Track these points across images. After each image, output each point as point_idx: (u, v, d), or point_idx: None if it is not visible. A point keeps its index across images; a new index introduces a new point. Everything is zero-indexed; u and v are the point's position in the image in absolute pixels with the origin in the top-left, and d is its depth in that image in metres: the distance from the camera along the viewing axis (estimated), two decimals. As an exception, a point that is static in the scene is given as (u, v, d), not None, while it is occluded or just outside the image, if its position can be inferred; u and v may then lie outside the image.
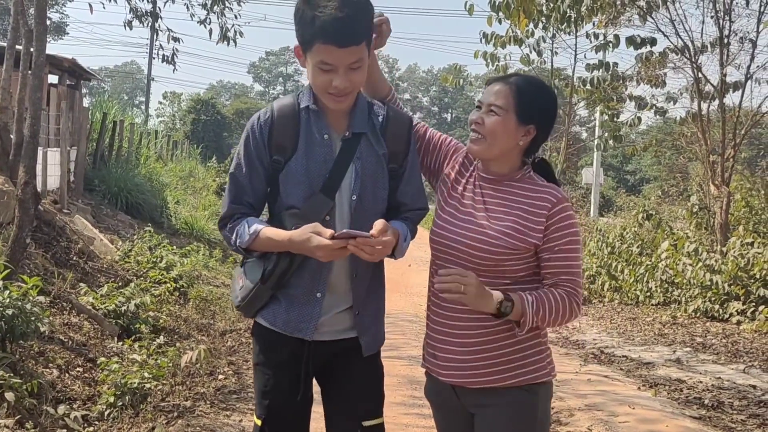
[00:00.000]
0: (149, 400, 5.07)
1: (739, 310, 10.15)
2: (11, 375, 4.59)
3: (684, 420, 5.73)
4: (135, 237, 11.55)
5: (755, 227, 12.09)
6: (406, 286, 13.17)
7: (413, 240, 2.67)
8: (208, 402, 5.46)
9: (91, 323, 6.71)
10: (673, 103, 13.16)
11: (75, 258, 8.64)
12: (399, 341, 8.21)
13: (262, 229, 2.54)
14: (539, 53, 13.15)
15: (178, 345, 6.65)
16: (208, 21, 11.27)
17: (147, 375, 5.22)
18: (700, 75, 12.36)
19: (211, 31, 11.18)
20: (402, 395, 6.00)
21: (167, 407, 5.12)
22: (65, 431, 4.48)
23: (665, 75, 13.58)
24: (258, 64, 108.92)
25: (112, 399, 4.92)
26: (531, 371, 2.54)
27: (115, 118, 18.59)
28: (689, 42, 12.35)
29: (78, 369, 5.64)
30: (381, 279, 2.78)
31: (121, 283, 8.29)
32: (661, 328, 10.25)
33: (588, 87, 12.19)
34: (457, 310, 2.53)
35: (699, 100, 12.33)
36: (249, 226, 2.56)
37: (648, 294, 12.40)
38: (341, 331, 2.64)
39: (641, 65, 12.80)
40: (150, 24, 11.90)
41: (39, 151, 9.44)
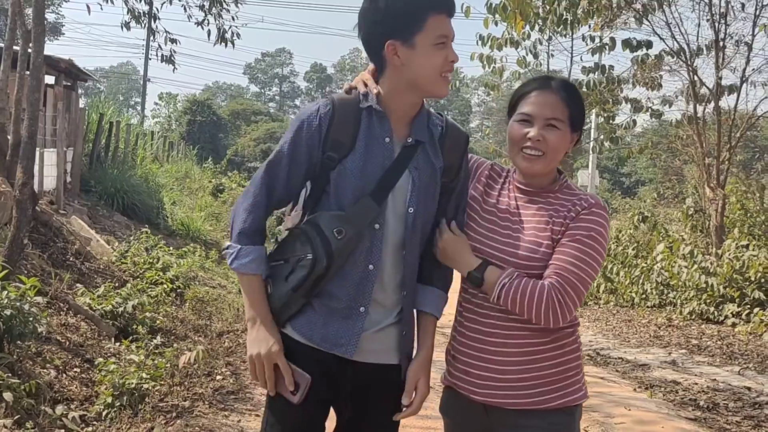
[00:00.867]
0: (147, 400, 5.08)
1: (734, 312, 10.21)
2: (9, 375, 4.61)
3: (680, 421, 5.76)
4: (131, 238, 11.54)
5: (750, 230, 12.14)
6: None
7: None
8: (206, 402, 5.47)
9: (88, 324, 6.72)
10: (669, 106, 13.21)
11: (72, 259, 8.64)
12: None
13: (255, 274, 2.32)
14: (535, 55, 13.20)
15: (175, 346, 6.66)
16: (206, 23, 11.29)
17: (145, 376, 5.22)
18: (695, 78, 12.41)
19: (209, 33, 11.21)
20: (399, 396, 6.02)
21: (166, 407, 5.13)
22: (63, 431, 4.49)
23: (661, 78, 13.64)
24: (254, 65, 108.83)
25: (110, 399, 4.92)
26: (572, 392, 2.45)
27: (112, 118, 18.58)
28: (685, 45, 12.41)
29: (75, 369, 5.65)
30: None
31: (118, 284, 8.29)
32: (657, 330, 10.29)
33: (584, 89, 12.24)
34: (500, 326, 2.39)
35: (695, 102, 12.40)
36: (249, 254, 2.31)
37: (643, 296, 12.44)
38: (383, 352, 2.39)
39: (637, 68, 12.86)
40: (147, 25, 11.92)
41: (36, 152, 9.43)
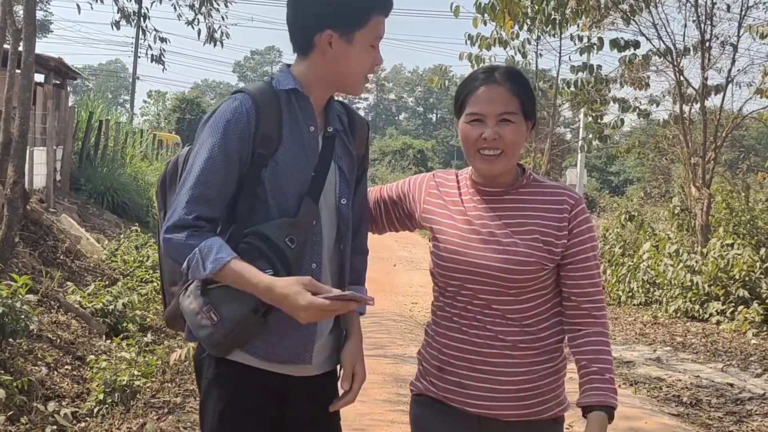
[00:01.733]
0: (139, 396, 5.15)
1: (719, 310, 10.31)
2: (2, 372, 4.67)
3: (663, 417, 5.87)
4: (121, 236, 11.59)
5: (735, 229, 12.25)
6: (391, 285, 13.25)
7: (398, 241, 2.51)
8: (197, 398, 5.52)
9: (79, 322, 6.77)
10: (656, 106, 13.34)
11: (62, 257, 8.69)
12: (384, 340, 8.31)
13: (231, 260, 1.99)
14: (524, 55, 13.31)
15: (166, 343, 6.72)
16: (196, 22, 11.33)
17: (136, 373, 5.29)
18: (681, 78, 12.53)
19: (200, 32, 11.25)
20: (387, 392, 6.09)
21: (157, 403, 5.20)
22: (55, 428, 4.54)
23: (648, 78, 13.76)
24: (243, 63, 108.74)
25: (101, 396, 4.99)
26: (562, 401, 2.38)
27: (101, 117, 18.58)
28: (671, 45, 12.52)
29: (66, 367, 5.71)
30: None
31: (108, 282, 8.35)
32: (642, 327, 10.40)
33: (572, 89, 12.36)
34: (497, 338, 2.24)
35: (680, 103, 12.51)
36: (213, 250, 2.00)
37: (630, 294, 12.55)
38: (325, 361, 2.26)
39: (625, 68, 12.98)
40: (136, 24, 11.95)
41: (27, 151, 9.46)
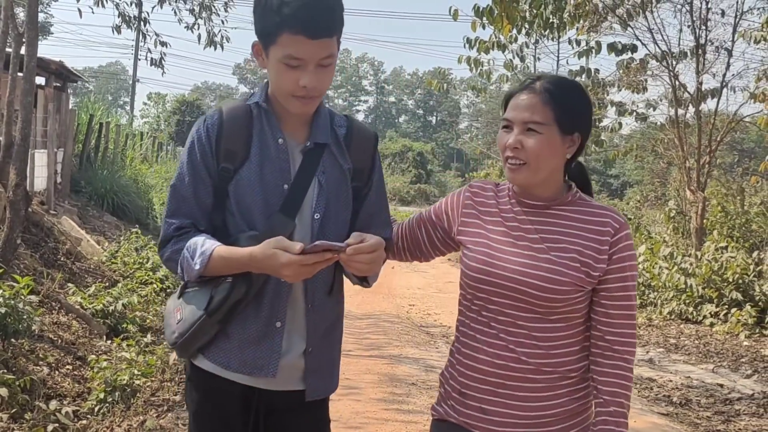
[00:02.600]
0: (139, 395, 5.25)
1: (713, 312, 10.42)
2: (4, 371, 4.77)
3: (652, 416, 5.99)
4: (121, 238, 11.69)
5: (729, 232, 12.36)
6: (389, 287, 13.36)
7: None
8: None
9: (80, 322, 6.87)
10: (654, 110, 13.45)
11: (63, 258, 8.78)
12: (381, 341, 8.43)
13: (215, 248, 2.06)
14: (522, 59, 13.43)
15: (165, 344, 6.82)
16: (196, 26, 11.43)
17: (136, 372, 5.40)
18: (677, 82, 12.65)
19: (200, 37, 11.35)
20: (383, 392, 6.19)
21: (157, 401, 5.31)
22: (57, 426, 4.64)
23: (645, 81, 13.87)
24: (243, 65, 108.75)
25: (102, 395, 5.09)
26: (586, 428, 2.23)
27: (101, 119, 18.67)
28: (667, 50, 12.64)
29: (67, 367, 5.80)
30: (339, 312, 2.35)
31: (108, 284, 8.45)
32: (637, 329, 10.49)
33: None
34: (522, 361, 2.13)
35: (676, 106, 12.63)
36: (198, 246, 2.08)
37: (625, 297, 12.63)
38: (292, 380, 2.21)
39: (622, 72, 13.09)
40: (137, 28, 12.05)
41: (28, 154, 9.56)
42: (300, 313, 2.19)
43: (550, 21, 11.98)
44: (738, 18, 12.23)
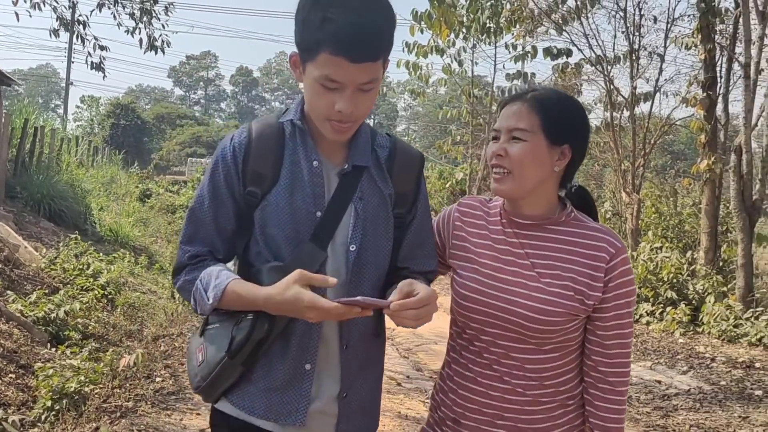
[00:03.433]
0: (90, 402, 5.18)
1: (649, 311, 10.71)
2: (-53, 381, 4.66)
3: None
4: (60, 244, 11.45)
5: (663, 232, 12.72)
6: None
7: None
8: (148, 402, 5.58)
9: (21, 330, 6.72)
10: (588, 113, 13.75)
11: (0, 265, 8.58)
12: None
13: (230, 282, 1.87)
14: (460, 63, 13.65)
15: (110, 351, 6.73)
16: (137, 31, 11.26)
17: (83, 379, 5.32)
18: (612, 86, 12.98)
19: (141, 41, 11.18)
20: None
21: (109, 408, 5.24)
22: (3, 435, 4.56)
23: (581, 85, 14.20)
24: (178, 68, 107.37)
25: (49, 403, 5.00)
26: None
27: (35, 123, 18.25)
28: (602, 54, 12.97)
29: (10, 375, 5.68)
30: (381, 349, 2.15)
31: (49, 291, 8.29)
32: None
33: (506, 96, 12.68)
34: (518, 392, 2.06)
35: (611, 110, 12.96)
36: (212, 278, 1.90)
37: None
38: (324, 427, 2.01)
39: (558, 76, 13.39)
40: (76, 32, 11.82)
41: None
42: (334, 354, 1.99)
43: (487, 26, 12.22)
44: (669, 24, 12.66)
